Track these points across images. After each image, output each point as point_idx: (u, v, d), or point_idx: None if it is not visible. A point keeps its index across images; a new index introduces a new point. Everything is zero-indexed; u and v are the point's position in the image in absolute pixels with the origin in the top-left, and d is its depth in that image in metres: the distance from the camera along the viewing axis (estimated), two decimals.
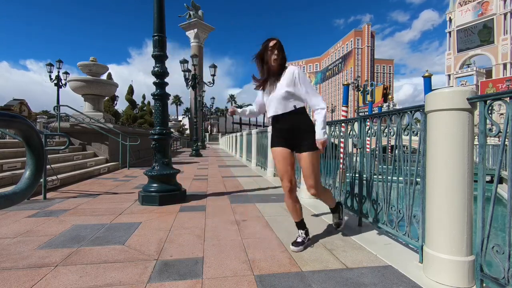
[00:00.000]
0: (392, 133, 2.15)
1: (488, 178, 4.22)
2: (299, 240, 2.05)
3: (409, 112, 1.93)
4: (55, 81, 16.43)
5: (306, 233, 2.10)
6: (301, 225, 2.11)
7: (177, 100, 60.83)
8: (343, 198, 2.89)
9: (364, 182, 2.50)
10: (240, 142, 12.04)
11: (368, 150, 2.58)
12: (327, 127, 2.29)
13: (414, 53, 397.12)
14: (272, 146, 2.10)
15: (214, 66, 13.01)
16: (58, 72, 16.24)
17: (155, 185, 3.44)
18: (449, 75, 55.56)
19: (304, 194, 3.77)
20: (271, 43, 1.96)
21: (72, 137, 7.06)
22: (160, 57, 3.57)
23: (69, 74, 16.13)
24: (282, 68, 2.01)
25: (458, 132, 1.47)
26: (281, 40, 2.00)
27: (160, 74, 3.58)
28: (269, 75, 2.00)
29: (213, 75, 13.11)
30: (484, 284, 1.44)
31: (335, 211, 2.41)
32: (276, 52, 1.95)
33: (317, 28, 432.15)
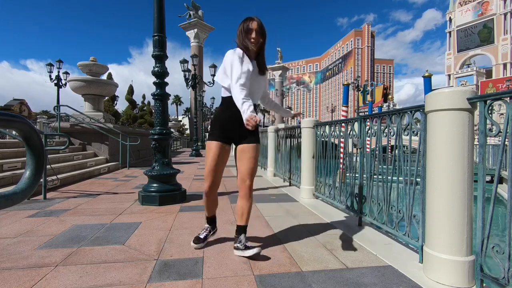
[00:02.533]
0: (392, 133, 2.15)
1: (488, 178, 4.23)
2: (201, 236, 2.05)
3: (409, 112, 1.93)
4: (55, 81, 16.42)
5: (212, 230, 2.12)
6: (212, 220, 2.13)
7: (177, 100, 60.76)
8: (344, 198, 2.89)
9: (364, 182, 2.50)
10: None
11: (368, 150, 2.58)
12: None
13: (416, 53, 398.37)
14: (214, 139, 1.88)
15: (214, 66, 13.02)
16: (58, 72, 16.23)
17: (155, 185, 3.44)
18: (449, 75, 55.55)
19: (304, 194, 3.77)
20: (251, 25, 1.79)
21: (72, 137, 7.06)
22: (160, 57, 3.57)
23: (69, 74, 16.13)
24: (260, 52, 1.87)
25: (458, 132, 1.47)
26: (284, 39, 1.94)
27: (160, 74, 3.58)
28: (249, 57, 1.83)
29: (213, 75, 13.12)
30: (484, 284, 1.44)
31: (244, 230, 1.94)
32: (254, 35, 1.79)
33: (319, 27, 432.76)
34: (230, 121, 1.87)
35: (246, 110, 1.60)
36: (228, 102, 1.85)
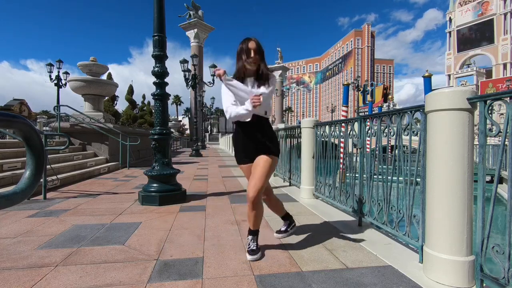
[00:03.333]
0: (392, 133, 2.15)
1: (488, 178, 4.23)
2: (254, 247, 1.89)
3: (409, 112, 1.93)
4: (55, 81, 16.42)
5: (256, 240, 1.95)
6: (257, 232, 1.96)
7: (177, 100, 60.71)
8: (344, 198, 2.89)
9: (364, 182, 2.50)
10: None
11: (368, 150, 2.58)
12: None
13: (416, 53, 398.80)
14: (239, 162, 1.99)
15: (214, 66, 13.00)
16: (58, 72, 16.23)
17: (155, 185, 3.44)
18: (449, 75, 55.57)
19: (304, 194, 3.77)
20: (249, 45, 1.82)
21: (72, 137, 7.06)
22: (160, 57, 3.57)
23: (69, 74, 16.13)
24: (259, 71, 1.87)
25: (458, 132, 1.47)
26: (284, 39, 1.92)
27: (160, 74, 3.58)
28: (245, 76, 1.89)
29: (213, 75, 13.12)
30: (484, 284, 1.44)
31: (286, 218, 2.24)
32: (252, 55, 1.81)
33: (320, 27, 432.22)
34: (243, 141, 1.93)
35: (240, 110, 1.79)
36: (237, 124, 1.93)
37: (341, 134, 3.03)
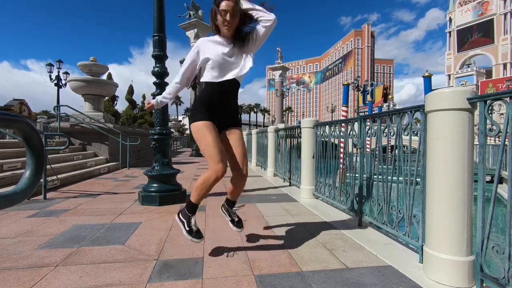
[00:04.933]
0: (392, 133, 2.15)
1: (488, 178, 4.24)
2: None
3: (409, 112, 1.93)
4: (55, 81, 16.44)
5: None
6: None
7: (177, 100, 60.70)
8: (344, 198, 2.89)
9: (364, 182, 2.50)
10: None
11: (368, 150, 2.58)
12: None
13: (417, 52, 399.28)
14: (200, 119, 1.69)
15: None
16: (58, 72, 16.27)
17: (155, 185, 3.44)
18: (449, 75, 55.60)
19: (304, 194, 3.77)
20: (224, 5, 1.57)
21: (72, 137, 7.06)
22: (160, 57, 3.57)
23: (69, 74, 16.17)
24: (239, 30, 1.68)
25: (458, 132, 1.47)
26: (284, 39, 1.85)
27: (160, 74, 3.58)
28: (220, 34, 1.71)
29: None
30: (484, 284, 1.44)
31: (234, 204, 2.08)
32: (228, 17, 1.58)
33: (322, 26, 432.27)
34: (215, 103, 1.74)
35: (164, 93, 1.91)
36: (210, 85, 1.72)
37: (341, 134, 3.03)
